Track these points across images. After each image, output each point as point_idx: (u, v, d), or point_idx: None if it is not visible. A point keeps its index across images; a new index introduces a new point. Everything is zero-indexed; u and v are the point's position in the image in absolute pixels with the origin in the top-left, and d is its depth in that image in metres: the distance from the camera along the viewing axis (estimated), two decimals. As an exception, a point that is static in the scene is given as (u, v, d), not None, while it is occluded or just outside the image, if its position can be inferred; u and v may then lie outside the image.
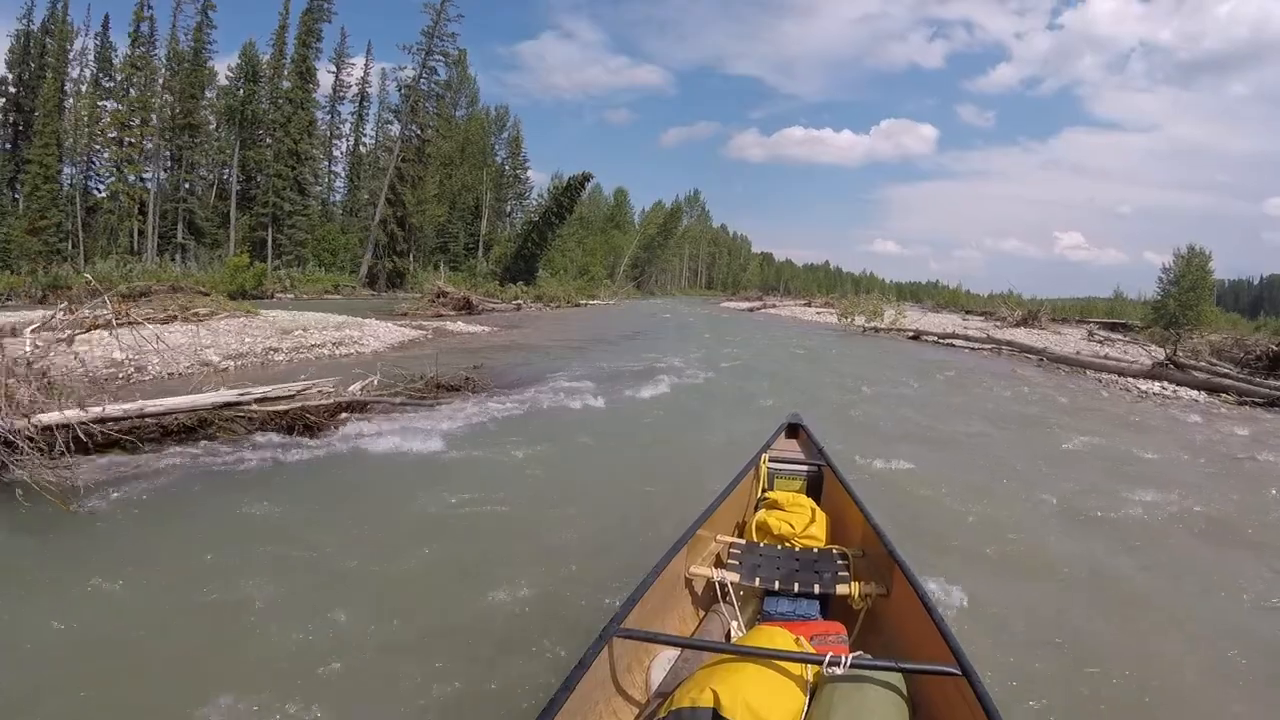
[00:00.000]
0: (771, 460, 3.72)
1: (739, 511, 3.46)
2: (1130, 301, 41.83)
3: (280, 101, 45.03)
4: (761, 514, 3.26)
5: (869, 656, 1.95)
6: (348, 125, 56.36)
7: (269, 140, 45.11)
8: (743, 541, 3.11)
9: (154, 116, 41.48)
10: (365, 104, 55.41)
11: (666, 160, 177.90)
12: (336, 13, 46.06)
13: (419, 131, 44.54)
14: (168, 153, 44.57)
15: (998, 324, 29.77)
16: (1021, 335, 24.19)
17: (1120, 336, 27.90)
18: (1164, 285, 34.66)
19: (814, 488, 3.65)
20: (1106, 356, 18.58)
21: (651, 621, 2.31)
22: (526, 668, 2.84)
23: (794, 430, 4.24)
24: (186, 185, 45.37)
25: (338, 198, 56.26)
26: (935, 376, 14.22)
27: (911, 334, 24.35)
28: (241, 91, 45.58)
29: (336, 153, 56.21)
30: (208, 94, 45.32)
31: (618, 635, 1.98)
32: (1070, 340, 24.68)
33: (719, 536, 3.08)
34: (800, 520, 3.17)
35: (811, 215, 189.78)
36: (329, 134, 54.51)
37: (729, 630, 2.58)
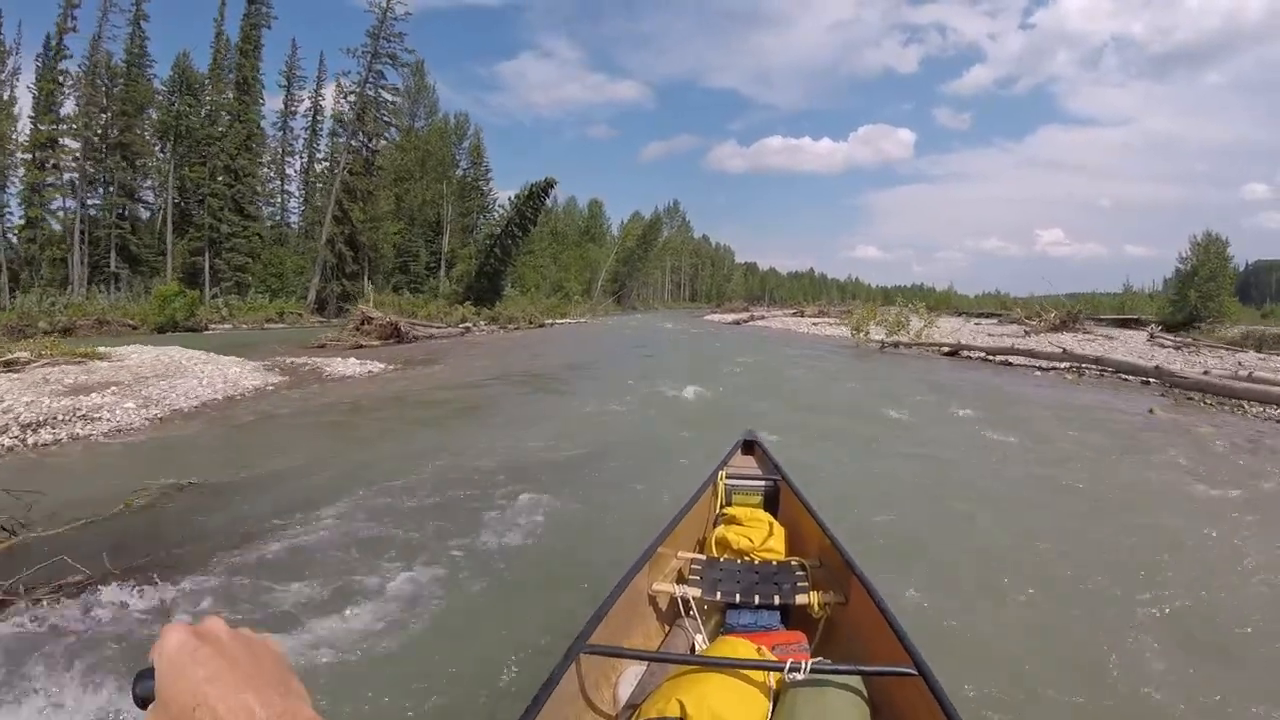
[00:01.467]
0: (729, 477, 3.71)
1: (698, 528, 3.43)
2: (1140, 295, 39.06)
3: (216, 114, 41.61)
4: (720, 529, 3.25)
5: (829, 662, 1.97)
6: (300, 142, 53.20)
7: (204, 158, 41.61)
8: (703, 557, 3.10)
9: (73, 139, 37.83)
10: (319, 119, 52.24)
11: (647, 174, 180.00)
12: (276, 17, 42.75)
13: (367, 141, 41.22)
14: (101, 176, 41.10)
15: (1026, 330, 26.20)
16: (1071, 342, 20.33)
17: (1178, 339, 23.00)
18: (1180, 276, 32.01)
19: (771, 502, 3.65)
20: (1250, 377, 12.61)
21: (617, 637, 2.32)
22: None
23: (749, 447, 4.19)
24: (120, 210, 41.78)
25: (294, 219, 53.00)
26: (1061, 433, 8.64)
27: (948, 349, 19.41)
28: (176, 105, 42.10)
29: (291, 171, 53.01)
30: (149, 113, 41.95)
31: (585, 652, 2.00)
32: (1135, 346, 21.02)
33: (679, 553, 3.08)
34: (759, 534, 3.17)
35: (793, 223, 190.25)
36: (281, 152, 51.20)
37: (693, 643, 2.58)
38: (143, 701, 0.50)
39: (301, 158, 53.10)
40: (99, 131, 38.92)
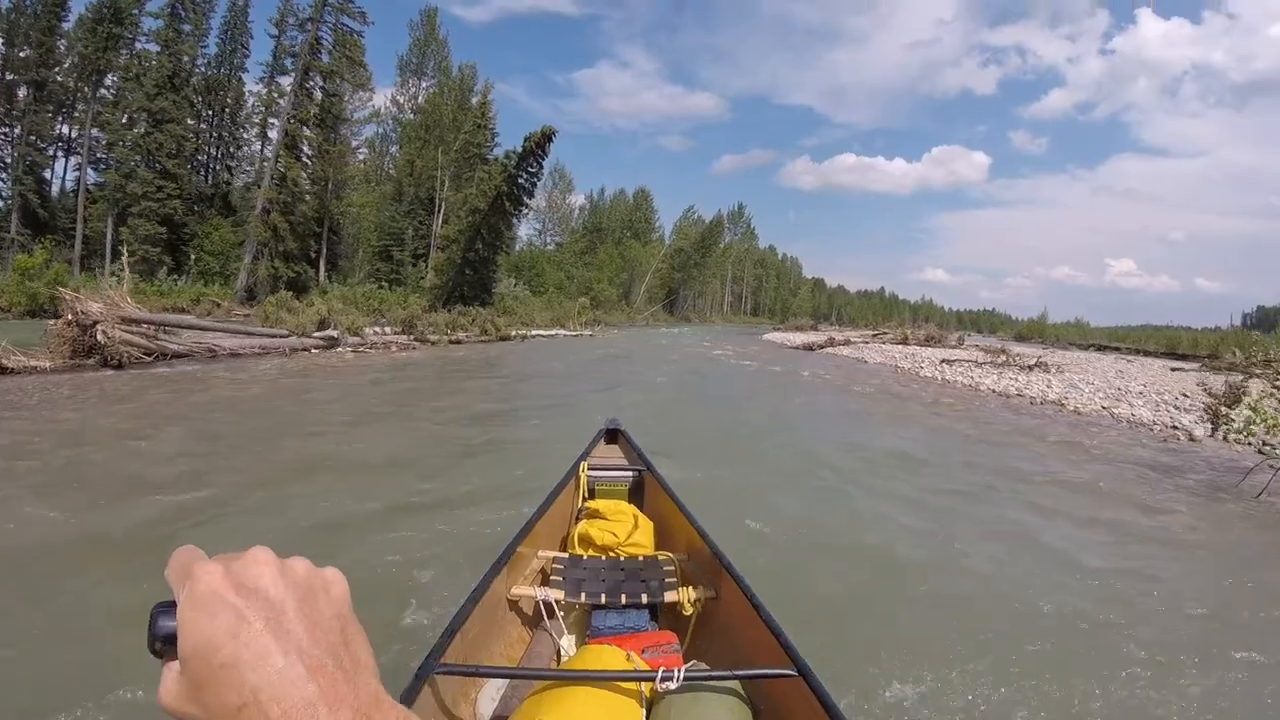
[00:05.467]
0: (591, 468, 3.47)
1: (560, 524, 3.20)
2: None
3: (141, 45, 32.32)
4: (583, 525, 3.00)
5: (704, 666, 1.90)
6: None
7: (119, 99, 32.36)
8: (566, 556, 2.87)
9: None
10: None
11: (720, 186, 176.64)
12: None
13: (320, 82, 31.11)
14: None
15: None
16: None
17: None
18: None
19: (636, 494, 3.48)
20: None
21: (475, 651, 2.13)
22: None
23: (613, 435, 3.99)
24: (26, 163, 32.97)
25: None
26: None
27: None
28: (100, 32, 32.99)
29: (273, 133, 43.87)
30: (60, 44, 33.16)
31: (438, 672, 1.79)
32: None
33: (541, 553, 2.89)
34: (623, 528, 2.96)
35: (862, 243, 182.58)
36: (265, 110, 41.89)
37: (559, 649, 2.44)
38: (162, 645, 0.37)
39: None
40: None
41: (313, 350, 14.64)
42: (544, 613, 2.49)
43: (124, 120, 31.88)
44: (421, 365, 14.30)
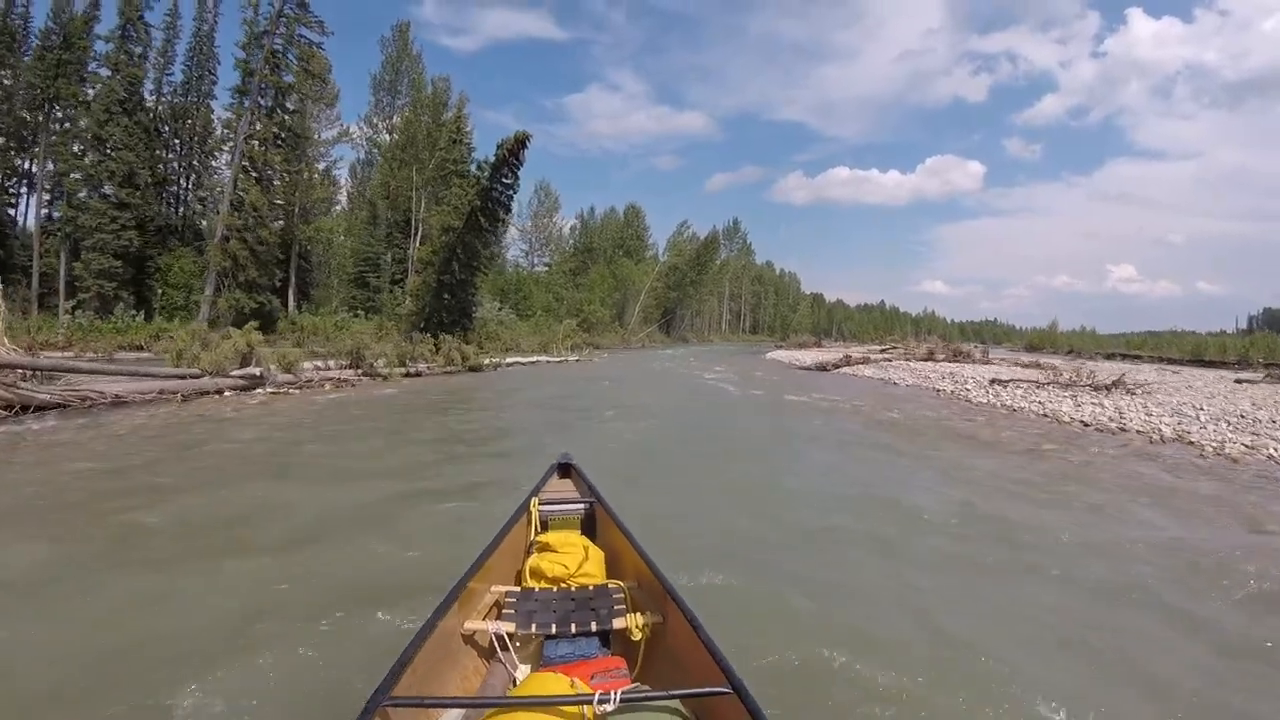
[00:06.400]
0: (543, 503, 3.56)
1: (513, 559, 3.23)
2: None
3: (92, 69, 30.40)
4: (535, 558, 3.06)
5: (646, 688, 1.94)
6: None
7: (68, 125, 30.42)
8: (518, 589, 2.94)
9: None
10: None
11: (712, 204, 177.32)
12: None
13: (278, 97, 29.14)
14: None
15: None
16: None
17: None
18: None
19: (588, 526, 3.52)
20: None
21: (428, 684, 2.15)
22: None
23: (565, 470, 4.09)
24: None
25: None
26: None
27: None
28: (49, 59, 31.14)
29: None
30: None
31: (387, 704, 1.81)
32: None
33: (493, 587, 2.91)
34: (574, 560, 3.03)
35: (859, 257, 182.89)
36: (231, 133, 39.95)
37: (515, 679, 2.49)
38: None
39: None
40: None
41: (226, 392, 12.29)
42: (497, 645, 2.56)
43: (75, 149, 29.88)
44: (336, 412, 11.82)
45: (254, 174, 28.80)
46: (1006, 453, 9.48)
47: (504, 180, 26.91)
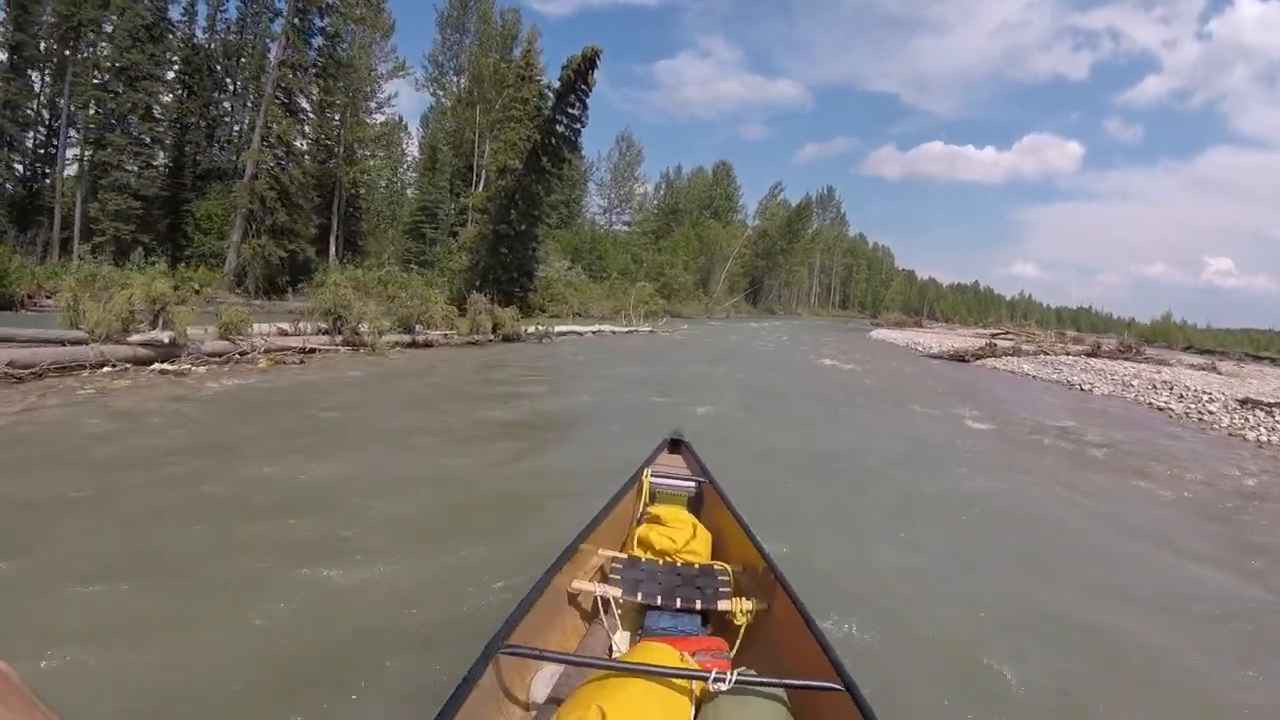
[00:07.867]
0: (654, 476, 3.48)
1: (621, 527, 3.22)
2: None
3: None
4: (644, 529, 3.06)
5: (752, 672, 1.88)
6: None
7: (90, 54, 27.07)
8: (625, 556, 2.90)
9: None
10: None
11: (802, 176, 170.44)
12: None
13: (318, 21, 24.83)
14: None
15: None
16: None
17: None
18: None
19: (696, 504, 3.45)
20: None
21: (535, 637, 2.14)
22: None
23: (676, 446, 3.94)
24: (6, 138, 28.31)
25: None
26: None
27: None
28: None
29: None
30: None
31: (502, 652, 1.86)
32: None
33: (601, 551, 2.88)
34: (682, 536, 3.00)
35: (948, 234, 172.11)
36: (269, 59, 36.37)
37: (611, 645, 2.47)
38: None
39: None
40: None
41: (113, 365, 7.78)
42: (600, 608, 2.54)
43: (96, 82, 26.59)
44: (184, 419, 7.07)
45: (288, 106, 24.69)
46: None
47: (570, 110, 21.75)
